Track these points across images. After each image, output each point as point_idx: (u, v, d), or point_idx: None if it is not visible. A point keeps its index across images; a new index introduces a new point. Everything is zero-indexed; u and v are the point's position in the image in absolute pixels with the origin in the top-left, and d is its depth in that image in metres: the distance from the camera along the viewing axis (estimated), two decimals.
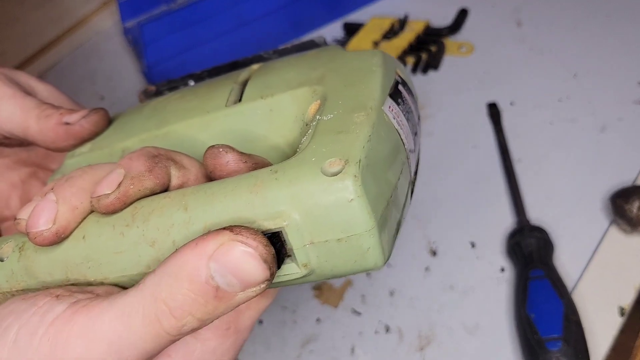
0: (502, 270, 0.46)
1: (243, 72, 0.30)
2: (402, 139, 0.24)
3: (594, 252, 0.45)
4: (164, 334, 0.20)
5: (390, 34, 0.65)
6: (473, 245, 0.47)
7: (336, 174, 0.20)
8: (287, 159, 0.24)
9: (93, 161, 0.30)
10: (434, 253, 0.48)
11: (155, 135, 0.29)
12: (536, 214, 0.48)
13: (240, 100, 0.28)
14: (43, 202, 0.23)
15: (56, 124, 0.30)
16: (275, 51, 0.34)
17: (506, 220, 0.48)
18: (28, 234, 0.23)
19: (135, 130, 0.30)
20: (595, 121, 0.53)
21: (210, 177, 0.24)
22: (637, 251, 0.44)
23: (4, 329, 0.21)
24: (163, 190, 0.24)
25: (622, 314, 0.41)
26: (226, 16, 0.67)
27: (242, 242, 0.19)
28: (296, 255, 0.21)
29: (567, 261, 0.45)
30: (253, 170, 0.23)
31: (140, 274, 0.22)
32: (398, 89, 0.26)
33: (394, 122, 0.24)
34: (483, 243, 0.47)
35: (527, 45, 0.62)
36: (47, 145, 0.31)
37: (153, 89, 0.37)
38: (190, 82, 0.36)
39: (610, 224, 0.46)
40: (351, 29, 0.68)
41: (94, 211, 0.24)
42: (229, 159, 0.23)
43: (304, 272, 0.21)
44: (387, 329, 0.44)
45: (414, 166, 0.26)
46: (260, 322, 0.47)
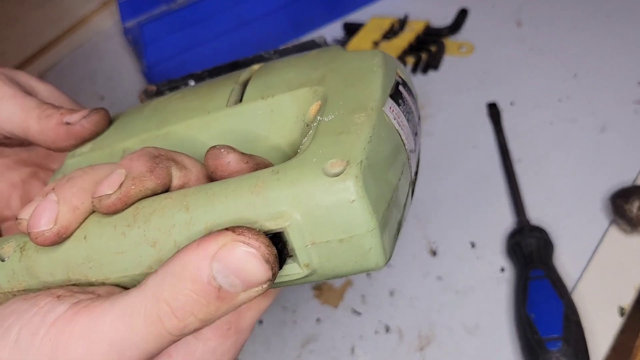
0: (502, 270, 0.46)
1: (244, 73, 0.30)
2: (402, 140, 0.24)
3: (594, 252, 0.45)
4: (165, 334, 0.20)
5: (390, 34, 0.65)
6: (473, 245, 0.47)
7: (337, 175, 0.20)
8: (288, 159, 0.24)
9: (94, 161, 0.30)
10: (434, 253, 0.48)
11: (156, 136, 0.29)
12: (536, 214, 0.48)
13: (241, 100, 0.28)
14: (44, 202, 0.23)
15: (57, 124, 0.30)
16: (276, 51, 0.34)
17: (506, 220, 0.48)
18: (29, 234, 0.23)
19: (136, 131, 0.30)
20: (595, 121, 0.54)
21: (211, 178, 0.24)
22: (637, 251, 0.44)
23: (5, 329, 0.21)
24: (164, 191, 0.24)
25: (622, 314, 0.41)
26: (226, 16, 0.67)
27: (244, 242, 0.19)
28: (298, 256, 0.21)
29: (567, 261, 0.45)
30: (254, 170, 0.23)
31: (142, 274, 0.22)
32: (399, 89, 0.26)
33: (394, 122, 0.24)
34: (483, 243, 0.47)
35: (527, 45, 0.62)
36: (48, 145, 0.31)
37: (154, 88, 0.37)
38: (191, 82, 0.36)
39: (610, 224, 0.46)
40: (351, 29, 0.68)
41: (95, 211, 0.24)
42: (230, 159, 0.23)
43: (305, 272, 0.21)
44: (387, 329, 0.44)
45: (414, 166, 0.26)
46: (261, 322, 0.47)
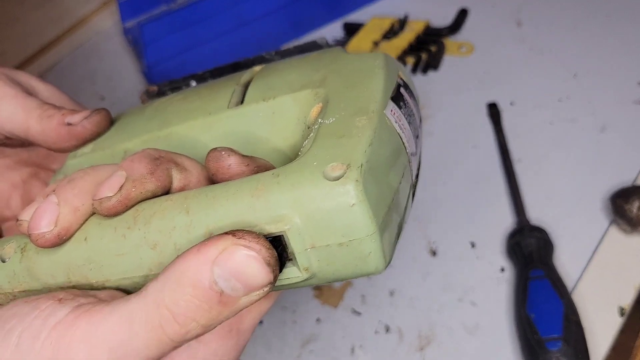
0: (502, 270, 0.46)
1: (245, 74, 0.30)
2: (403, 143, 0.24)
3: (594, 252, 0.45)
4: (167, 341, 0.20)
5: (390, 34, 0.65)
6: (473, 245, 0.47)
7: (338, 179, 0.20)
8: (289, 161, 0.24)
9: (95, 162, 0.30)
10: (434, 253, 0.48)
11: (157, 137, 0.29)
12: (536, 214, 0.48)
13: (242, 102, 0.28)
14: (45, 203, 0.23)
15: (58, 124, 0.30)
16: (277, 52, 0.34)
17: (506, 220, 0.48)
18: (30, 236, 0.23)
19: (137, 131, 0.30)
20: (595, 121, 0.54)
21: (212, 180, 0.24)
22: (637, 251, 0.44)
23: (7, 331, 0.21)
24: (165, 193, 0.23)
25: (622, 314, 0.41)
26: (226, 16, 0.67)
27: (245, 245, 0.19)
28: (297, 259, 0.21)
29: (567, 261, 0.45)
30: (255, 173, 0.23)
31: (142, 276, 0.22)
32: (400, 91, 0.26)
33: (395, 125, 0.24)
34: (483, 243, 0.47)
35: (527, 45, 0.62)
36: (49, 145, 0.31)
37: (155, 89, 0.37)
38: (192, 83, 0.36)
39: (610, 224, 0.46)
40: (351, 29, 0.68)
41: (95, 213, 0.24)
42: (231, 162, 0.23)
43: (305, 275, 0.21)
44: (387, 329, 0.44)
45: (415, 169, 0.26)
46: (261, 323, 0.47)
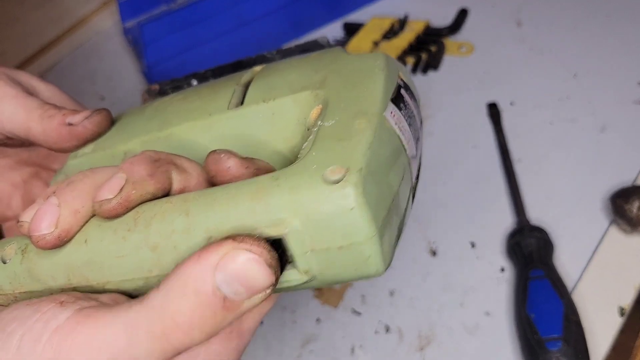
0: (502, 270, 0.46)
1: (245, 74, 0.30)
2: (403, 145, 0.24)
3: (594, 252, 0.45)
4: (171, 350, 0.20)
5: (390, 34, 0.65)
6: (473, 245, 0.47)
7: (337, 182, 0.20)
8: (289, 163, 0.24)
9: (96, 162, 0.30)
10: (434, 253, 0.48)
11: (157, 138, 0.29)
12: (536, 214, 0.48)
13: (242, 103, 0.28)
14: (45, 205, 0.23)
15: (59, 124, 0.30)
16: (278, 51, 0.34)
17: (506, 220, 0.48)
18: (31, 238, 0.23)
19: (137, 132, 0.30)
20: (595, 121, 0.53)
21: (211, 182, 0.24)
22: (637, 251, 0.44)
23: (8, 334, 0.21)
24: (165, 194, 0.23)
25: (622, 314, 0.41)
26: (226, 16, 0.67)
27: (246, 249, 0.19)
28: (297, 262, 0.21)
29: (567, 261, 0.45)
30: (255, 175, 0.23)
31: (142, 278, 0.22)
32: (400, 93, 0.26)
33: (395, 127, 0.24)
34: (483, 243, 0.47)
35: (527, 45, 0.62)
36: (50, 145, 0.31)
37: (157, 87, 0.37)
38: (194, 82, 0.36)
39: (610, 224, 0.46)
40: (351, 29, 0.68)
41: (95, 215, 0.24)
42: (230, 164, 0.23)
43: (304, 278, 0.21)
44: (387, 329, 0.44)
45: (415, 171, 0.26)
46: (261, 323, 0.47)
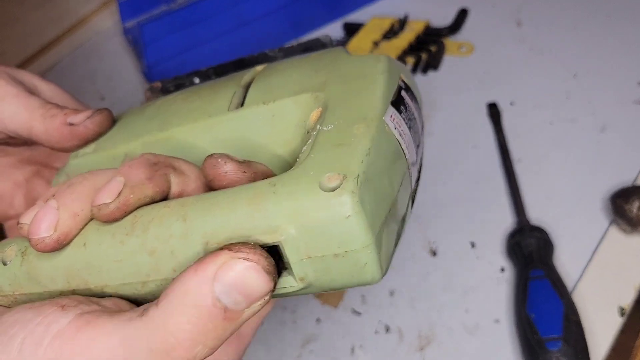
0: (502, 270, 0.46)
1: (246, 74, 0.30)
2: (403, 149, 0.24)
3: (594, 252, 0.45)
4: None
5: (390, 34, 0.65)
6: (473, 245, 0.47)
7: (334, 190, 0.20)
8: (288, 166, 0.24)
9: (96, 163, 0.30)
10: (434, 253, 0.48)
11: (157, 139, 0.29)
12: (536, 214, 0.48)
13: (242, 104, 0.28)
14: (44, 208, 0.23)
15: (61, 124, 0.30)
16: (280, 49, 0.34)
17: (506, 220, 0.48)
18: (30, 241, 0.23)
19: (138, 132, 0.30)
20: (595, 121, 0.53)
21: (209, 186, 0.24)
22: (637, 251, 0.44)
23: (10, 337, 0.21)
24: (163, 197, 0.24)
25: (622, 314, 0.41)
26: (226, 16, 0.67)
27: (243, 258, 0.19)
28: (293, 269, 0.21)
29: (567, 261, 0.45)
30: (253, 179, 0.23)
31: (140, 282, 0.22)
32: (401, 95, 0.26)
33: (394, 132, 0.24)
34: (483, 243, 0.47)
35: (527, 45, 0.62)
36: (52, 145, 0.31)
37: (159, 85, 0.37)
38: (196, 80, 0.36)
39: (610, 224, 0.46)
40: (351, 29, 0.68)
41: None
42: (227, 169, 0.23)
43: (300, 285, 0.21)
44: (387, 329, 0.44)
45: (415, 176, 0.26)
46: (261, 323, 0.47)
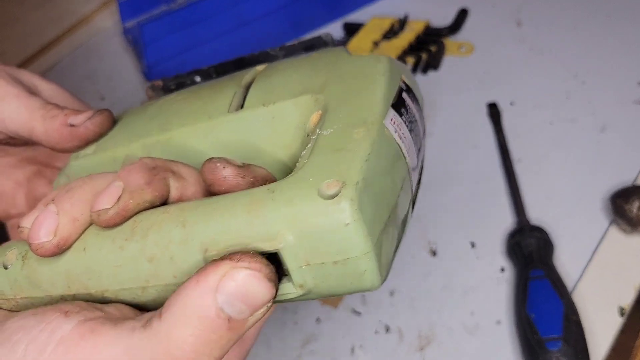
0: (502, 270, 0.46)
1: (247, 74, 0.30)
2: (403, 153, 0.24)
3: (594, 252, 0.45)
4: None
5: (390, 34, 0.65)
6: (473, 245, 0.47)
7: (333, 197, 0.20)
8: (288, 169, 0.24)
9: (97, 164, 0.30)
10: (434, 253, 0.48)
11: (157, 140, 0.29)
12: (536, 214, 0.48)
13: (242, 105, 0.28)
14: (44, 213, 0.23)
15: (61, 125, 0.30)
16: (282, 48, 0.34)
17: (506, 220, 0.48)
18: (30, 245, 0.23)
19: (138, 134, 0.30)
20: (595, 121, 0.53)
21: (209, 190, 0.24)
22: (637, 251, 0.44)
23: (13, 344, 0.21)
24: (163, 202, 0.24)
25: (622, 314, 0.41)
26: (226, 16, 0.67)
27: (245, 267, 0.19)
28: (292, 276, 0.21)
29: (567, 261, 0.45)
30: (252, 184, 0.23)
31: (140, 287, 0.22)
32: (402, 97, 0.25)
33: (395, 135, 0.23)
34: (483, 243, 0.47)
35: (527, 45, 0.62)
36: (52, 146, 0.31)
37: (160, 83, 0.37)
38: (197, 78, 0.36)
39: (610, 224, 0.46)
40: (351, 29, 0.68)
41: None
42: (226, 174, 0.23)
43: (300, 292, 0.21)
44: (387, 329, 0.44)
45: (415, 180, 0.26)
46: (263, 326, 0.47)
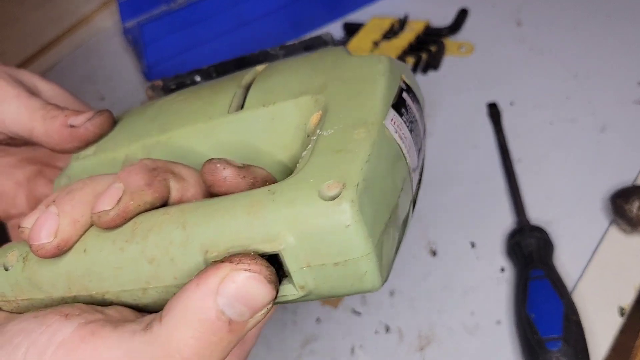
0: (502, 270, 0.46)
1: (247, 75, 0.30)
2: (403, 154, 0.24)
3: (594, 252, 0.45)
4: None
5: (390, 34, 0.65)
6: (473, 245, 0.47)
7: (333, 198, 0.20)
8: (288, 170, 0.24)
9: (97, 165, 0.30)
10: (434, 253, 0.48)
11: (157, 141, 0.29)
12: (536, 214, 0.48)
13: (242, 106, 0.28)
14: (45, 214, 0.23)
15: (61, 125, 0.30)
16: (282, 47, 0.34)
17: (506, 220, 0.48)
18: (30, 247, 0.23)
19: (138, 134, 0.30)
20: (595, 121, 0.53)
21: (209, 191, 0.24)
22: (637, 251, 0.44)
23: (14, 347, 0.21)
24: (163, 203, 0.24)
25: (622, 314, 0.41)
26: (226, 16, 0.67)
27: (245, 269, 0.19)
28: (293, 278, 0.21)
29: (567, 261, 0.45)
30: (252, 184, 0.23)
31: (140, 289, 0.22)
32: (402, 97, 0.25)
33: (395, 136, 0.23)
34: (483, 243, 0.47)
35: (527, 45, 0.62)
36: (52, 147, 0.30)
37: (160, 83, 0.37)
38: (197, 78, 0.36)
39: (610, 224, 0.46)
40: (351, 29, 0.68)
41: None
42: (226, 174, 0.23)
43: (300, 293, 0.21)
44: (387, 329, 0.44)
45: (416, 180, 0.26)
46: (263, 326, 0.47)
